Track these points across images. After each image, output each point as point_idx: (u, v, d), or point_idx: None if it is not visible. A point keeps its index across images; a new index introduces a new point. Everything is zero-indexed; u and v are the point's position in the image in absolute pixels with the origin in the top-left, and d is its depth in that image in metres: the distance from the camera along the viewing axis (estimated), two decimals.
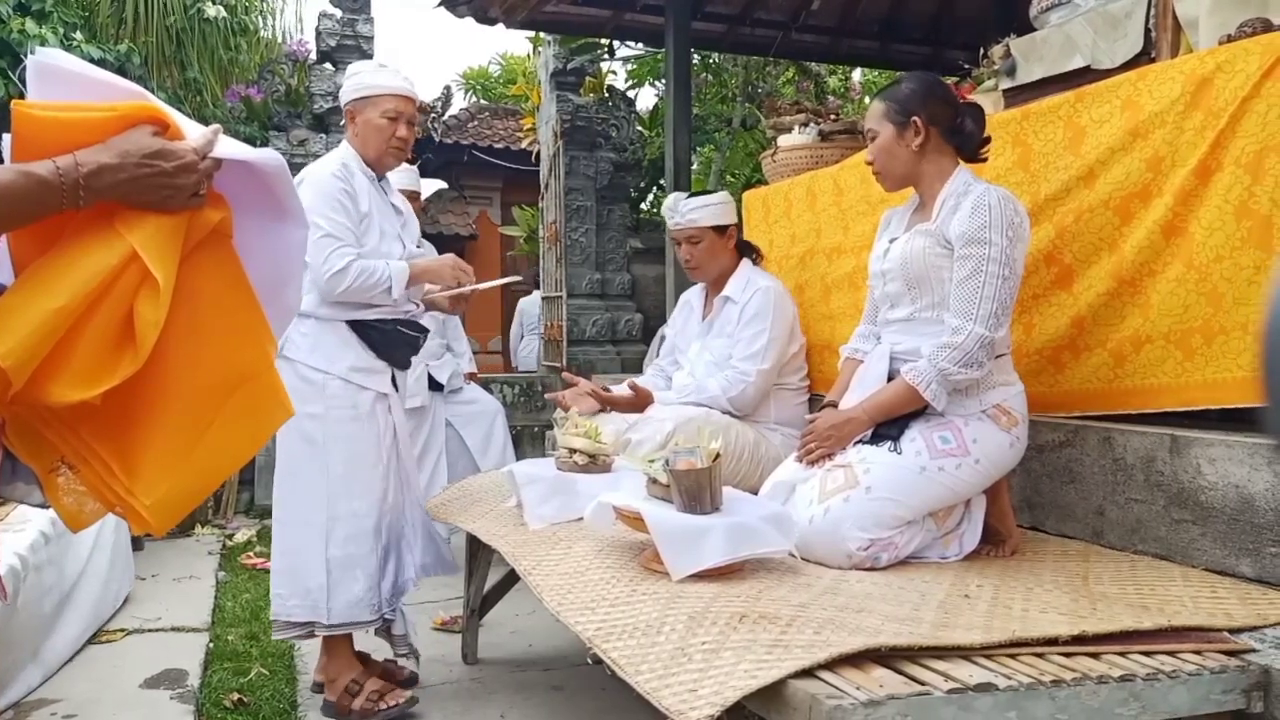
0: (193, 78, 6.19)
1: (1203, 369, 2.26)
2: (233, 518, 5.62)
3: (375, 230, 2.83)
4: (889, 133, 2.42)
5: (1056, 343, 2.59)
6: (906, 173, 2.44)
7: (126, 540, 4.01)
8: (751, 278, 3.23)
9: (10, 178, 1.11)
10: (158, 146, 1.20)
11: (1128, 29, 2.74)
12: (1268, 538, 2.03)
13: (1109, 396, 2.48)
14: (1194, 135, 2.24)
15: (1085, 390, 2.53)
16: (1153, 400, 2.37)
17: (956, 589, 2.03)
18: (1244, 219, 2.16)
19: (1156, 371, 2.37)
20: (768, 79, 8.13)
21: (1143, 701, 1.59)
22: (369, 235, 2.82)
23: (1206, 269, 2.24)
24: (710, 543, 2.05)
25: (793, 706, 1.51)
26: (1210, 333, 2.24)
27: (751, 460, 3.02)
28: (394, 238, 2.89)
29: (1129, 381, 2.43)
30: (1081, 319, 2.53)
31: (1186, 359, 2.29)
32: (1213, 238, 2.22)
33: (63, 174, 1.14)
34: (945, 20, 6.09)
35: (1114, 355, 2.46)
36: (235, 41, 6.58)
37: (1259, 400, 0.78)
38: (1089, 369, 2.52)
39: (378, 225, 2.84)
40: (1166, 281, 2.33)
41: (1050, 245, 2.58)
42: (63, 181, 1.14)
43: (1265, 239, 2.13)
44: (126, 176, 1.17)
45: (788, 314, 3.20)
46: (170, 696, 2.92)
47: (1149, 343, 2.38)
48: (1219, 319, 2.22)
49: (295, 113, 6.53)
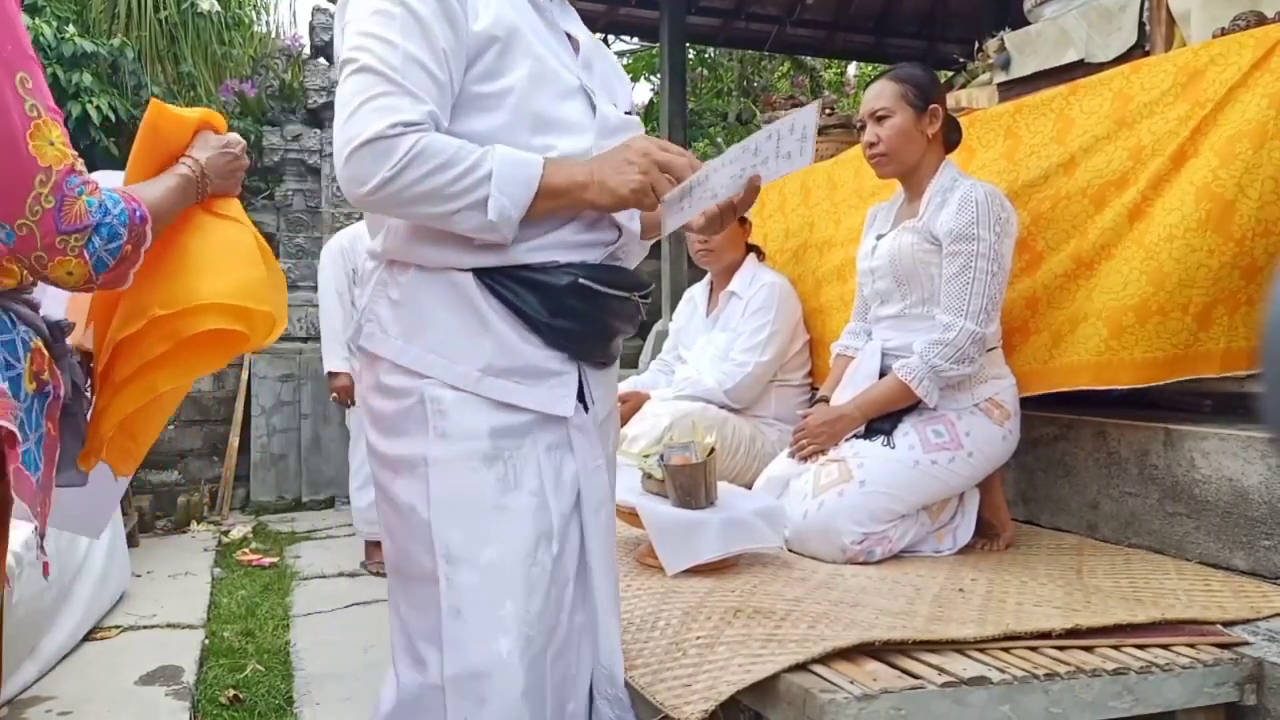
0: (186, 72, 6.16)
1: (1130, 348, 2.23)
2: (229, 514, 5.61)
3: (521, 69, 1.36)
4: (908, 117, 2.36)
5: (1010, 325, 2.55)
6: (914, 159, 2.40)
7: (123, 537, 4.00)
8: (757, 274, 3.22)
9: (175, 182, 1.38)
10: (225, 139, 1.47)
11: (1122, 22, 2.75)
12: (1261, 531, 2.04)
13: (1041, 376, 2.45)
14: (1177, 124, 2.23)
15: (1023, 372, 2.48)
16: (1071, 379, 2.35)
17: (950, 583, 2.03)
18: (1204, 201, 2.13)
19: (1081, 349, 2.34)
20: (763, 74, 8.14)
21: (1136, 694, 1.59)
22: (507, 77, 1.36)
23: (1155, 248, 2.21)
24: (705, 538, 2.05)
25: (787, 701, 1.52)
26: (1146, 312, 2.21)
27: (747, 455, 3.02)
28: (571, 92, 1.43)
29: (1059, 360, 2.40)
30: (1036, 301, 2.51)
31: (1113, 337, 2.27)
32: (1169, 217, 2.19)
33: (195, 172, 1.42)
34: (939, 14, 6.10)
35: (1053, 335, 2.44)
36: (229, 36, 6.55)
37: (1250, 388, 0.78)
38: (1029, 351, 2.50)
39: (529, 61, 1.37)
40: (1117, 261, 2.30)
41: (1025, 232, 2.54)
42: (197, 178, 1.42)
43: (1224, 223, 2.11)
44: (222, 167, 1.46)
45: (792, 310, 3.20)
46: (166, 693, 2.91)
47: (1084, 320, 2.35)
48: (1158, 299, 2.20)
49: (289, 107, 6.51)
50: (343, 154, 1.29)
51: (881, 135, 2.38)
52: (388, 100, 1.28)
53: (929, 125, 2.37)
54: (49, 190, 1.11)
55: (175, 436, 5.73)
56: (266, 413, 5.85)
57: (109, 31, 5.88)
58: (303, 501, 5.92)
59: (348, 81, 1.32)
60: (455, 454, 1.35)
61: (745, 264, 3.26)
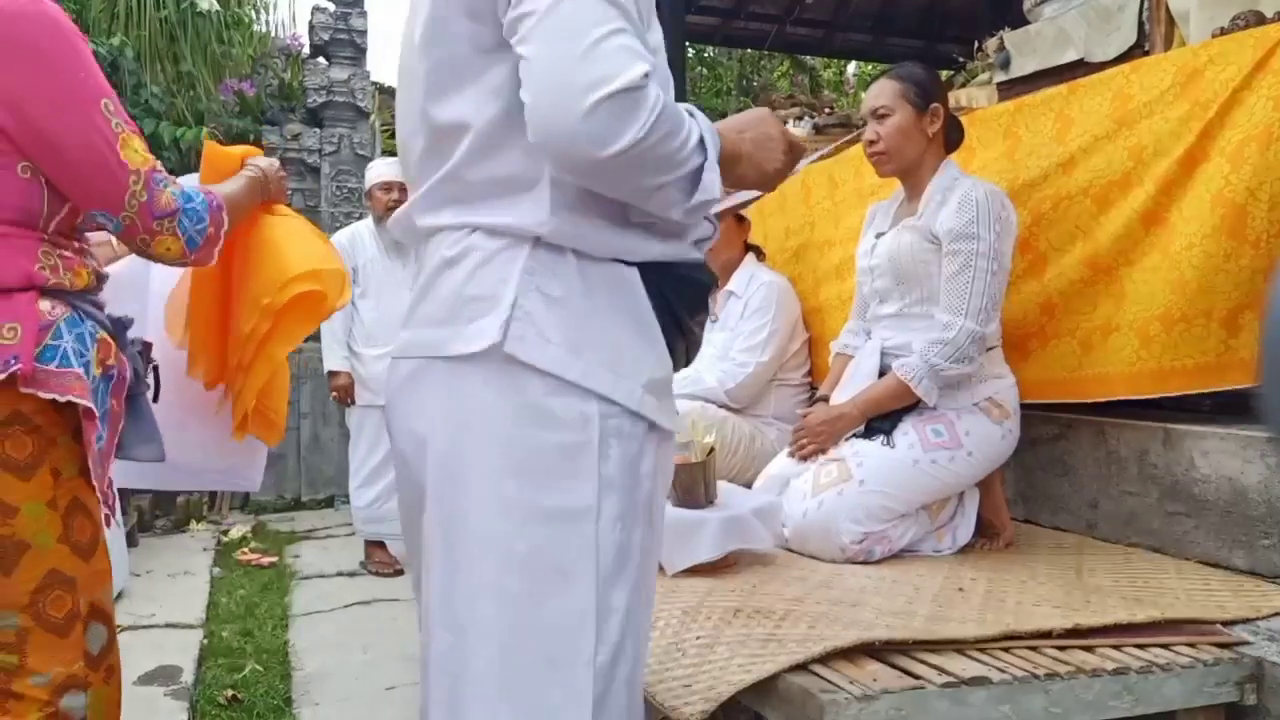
0: (186, 71, 6.16)
1: (1158, 356, 2.24)
2: (228, 514, 5.61)
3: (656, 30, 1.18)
4: (909, 114, 2.36)
5: (1024, 329, 2.55)
6: (915, 157, 2.39)
7: (121, 536, 4.00)
8: (756, 273, 3.21)
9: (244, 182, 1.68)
10: (270, 160, 1.79)
11: (1121, 22, 2.75)
12: (1260, 530, 2.03)
13: (1069, 385, 2.45)
14: (1178, 125, 2.23)
15: (1048, 379, 2.49)
16: (1105, 388, 2.35)
17: (950, 582, 2.03)
18: (1218, 207, 2.14)
19: (1114, 359, 2.34)
20: (763, 73, 8.14)
21: (1136, 694, 1.59)
22: (654, 33, 1.17)
23: (1177, 257, 2.21)
24: (704, 537, 2.05)
25: (787, 701, 1.51)
26: (1170, 320, 2.21)
27: (747, 454, 3.02)
28: None
29: (1090, 370, 2.40)
30: (1053, 306, 2.50)
31: (1143, 346, 2.27)
32: (1189, 225, 2.20)
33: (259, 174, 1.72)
34: (939, 13, 6.10)
35: (1082, 344, 2.44)
36: (228, 35, 6.54)
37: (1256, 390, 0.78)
38: (1054, 357, 2.50)
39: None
40: (1141, 270, 2.30)
41: (1026, 232, 2.53)
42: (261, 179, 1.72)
43: (1238, 227, 2.11)
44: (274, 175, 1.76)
45: (791, 309, 3.20)
46: (164, 693, 2.91)
47: (1116, 331, 2.35)
48: (1180, 306, 2.20)
49: (289, 107, 6.51)
50: (581, 102, 0.98)
51: (882, 134, 2.38)
52: (631, 40, 1.01)
53: (930, 124, 2.37)
54: (141, 187, 1.39)
55: None
56: None
57: (109, 31, 5.88)
58: (302, 501, 5.92)
59: (572, 3, 1.00)
60: (630, 503, 1.11)
61: (744, 263, 3.26)
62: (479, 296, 1.09)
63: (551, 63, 0.99)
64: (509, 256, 1.09)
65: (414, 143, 1.20)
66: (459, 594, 1.10)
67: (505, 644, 1.07)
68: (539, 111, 1.01)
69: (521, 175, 1.09)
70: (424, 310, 1.16)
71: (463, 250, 1.11)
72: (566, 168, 1.05)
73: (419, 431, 1.15)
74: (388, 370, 1.27)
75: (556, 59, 0.99)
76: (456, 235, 1.13)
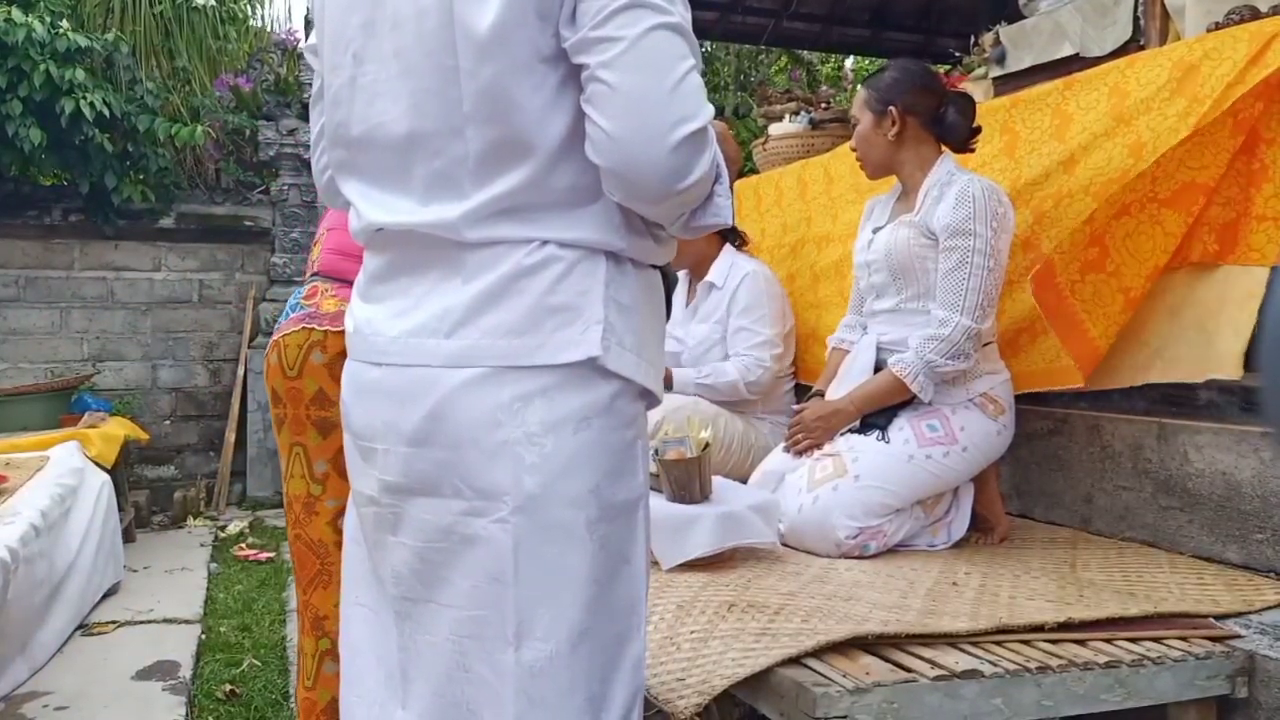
0: (181, 66, 6.14)
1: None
2: (225, 510, 5.61)
3: None
4: (868, 121, 2.43)
5: (1017, 325, 2.55)
6: (883, 161, 2.46)
7: (116, 531, 4.00)
8: (736, 262, 3.18)
9: None
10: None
11: (1116, 16, 2.75)
12: (1253, 524, 2.04)
13: (1048, 374, 2.46)
14: (1176, 121, 2.23)
15: (1028, 370, 2.49)
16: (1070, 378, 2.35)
17: (944, 577, 2.04)
18: None
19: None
20: (760, 67, 8.12)
21: (1128, 688, 1.60)
22: None
23: None
24: (700, 532, 2.06)
25: (780, 695, 1.52)
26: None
27: (741, 449, 3.02)
28: None
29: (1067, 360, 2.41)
30: None
31: None
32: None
33: None
34: (936, 8, 6.08)
35: None
36: (224, 30, 6.52)
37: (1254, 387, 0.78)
38: (1038, 350, 2.51)
39: None
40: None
41: (1028, 231, 2.55)
42: None
43: None
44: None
45: (778, 296, 3.19)
46: (162, 688, 2.91)
47: None
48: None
49: (285, 101, 6.49)
50: (669, 138, 1.02)
51: (854, 140, 2.50)
52: (700, 78, 1.08)
53: (889, 128, 2.39)
54: None
55: (171, 432, 5.73)
56: (263, 408, 5.84)
57: (103, 26, 5.86)
58: None
59: (660, 36, 1.04)
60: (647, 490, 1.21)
61: (721, 254, 3.20)
62: (563, 307, 1.10)
63: (642, 95, 1.02)
64: (587, 269, 1.12)
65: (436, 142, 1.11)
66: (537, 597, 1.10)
67: (587, 629, 1.11)
68: (622, 141, 1.03)
69: (585, 189, 1.11)
70: (486, 321, 1.10)
71: (541, 261, 1.10)
72: (635, 194, 1.08)
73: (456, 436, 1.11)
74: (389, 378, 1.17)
75: (646, 92, 1.02)
76: (527, 248, 1.10)
